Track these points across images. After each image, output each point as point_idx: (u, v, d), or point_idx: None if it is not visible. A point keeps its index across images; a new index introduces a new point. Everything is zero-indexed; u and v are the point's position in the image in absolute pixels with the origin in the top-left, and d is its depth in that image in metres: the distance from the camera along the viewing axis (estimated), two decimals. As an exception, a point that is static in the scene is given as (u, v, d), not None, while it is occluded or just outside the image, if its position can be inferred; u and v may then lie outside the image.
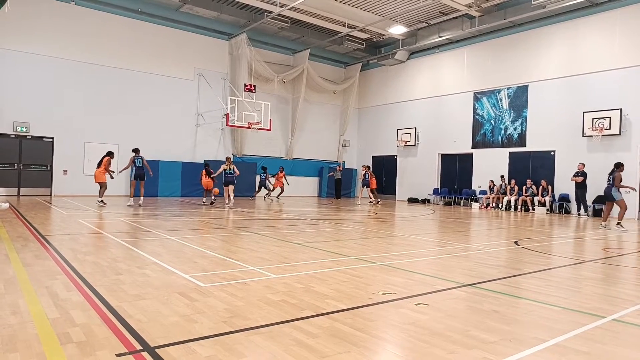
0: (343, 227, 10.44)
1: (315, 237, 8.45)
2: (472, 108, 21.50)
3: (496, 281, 5.06)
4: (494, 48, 20.67)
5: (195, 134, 21.12)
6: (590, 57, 17.32)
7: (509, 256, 7.17)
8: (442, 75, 23.08)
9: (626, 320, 3.74)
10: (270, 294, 4.14)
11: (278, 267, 5.41)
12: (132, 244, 6.78)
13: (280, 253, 6.47)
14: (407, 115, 24.63)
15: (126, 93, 19.31)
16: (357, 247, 7.27)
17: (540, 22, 18.83)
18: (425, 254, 7.03)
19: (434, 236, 9.66)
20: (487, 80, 20.89)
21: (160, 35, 20.15)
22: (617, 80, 16.48)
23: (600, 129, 16.49)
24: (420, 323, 3.46)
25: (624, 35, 16.49)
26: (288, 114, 24.49)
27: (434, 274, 5.39)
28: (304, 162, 25.05)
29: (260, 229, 9.53)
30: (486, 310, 3.90)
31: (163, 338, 2.94)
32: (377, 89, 26.64)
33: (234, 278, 4.76)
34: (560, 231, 11.58)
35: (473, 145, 21.44)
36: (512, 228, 11.73)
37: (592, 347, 3.07)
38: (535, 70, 19.08)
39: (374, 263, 5.88)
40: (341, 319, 3.48)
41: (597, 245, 8.86)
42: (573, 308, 4.05)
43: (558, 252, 7.86)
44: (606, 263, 6.72)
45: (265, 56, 23.02)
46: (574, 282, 5.38)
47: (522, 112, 19.44)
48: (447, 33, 21.06)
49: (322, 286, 4.52)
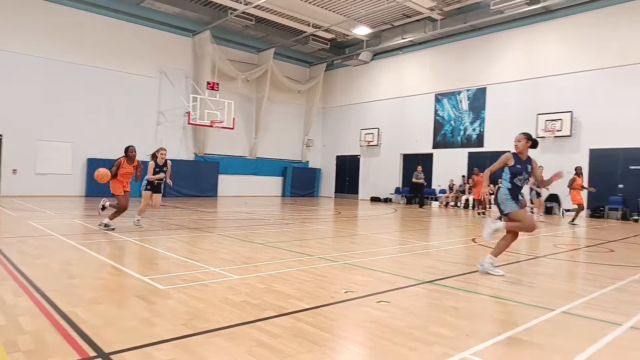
0: (306, 227, 10.45)
1: (278, 237, 8.42)
2: (433, 109, 22.01)
3: (455, 278, 5.20)
4: (455, 51, 21.23)
5: (156, 132, 20.57)
6: (545, 61, 18.09)
7: (467, 253, 7.39)
8: (405, 76, 23.50)
9: (574, 312, 3.93)
10: (232, 295, 4.09)
11: (240, 268, 5.36)
12: (87, 247, 6.53)
13: (243, 253, 6.40)
14: (371, 116, 24.93)
15: (83, 89, 18.52)
16: (320, 247, 7.30)
17: (498, 27, 19.49)
18: (387, 252, 7.14)
19: (396, 235, 9.83)
20: (448, 82, 21.43)
21: (121, 30, 19.46)
22: (569, 84, 17.29)
23: (553, 130, 17.27)
24: (381, 321, 3.51)
25: (575, 42, 17.32)
26: (252, 113, 24.26)
27: (395, 271, 5.48)
28: (268, 161, 24.89)
29: (222, 229, 9.40)
30: (445, 307, 4.00)
31: (119, 343, 2.85)
32: (342, 89, 26.82)
33: (195, 280, 4.67)
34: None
35: (434, 145, 21.95)
36: (470, 226, 12.10)
37: (543, 339, 3.21)
38: (493, 73, 19.74)
39: (337, 262, 5.91)
40: (304, 319, 3.48)
41: (549, 241, 9.27)
42: (526, 302, 4.22)
43: (513, 249, 8.17)
44: (557, 259, 7.04)
45: (229, 54, 22.71)
46: (527, 277, 5.60)
47: (481, 114, 20.08)
48: (410, 35, 21.45)
49: (285, 286, 4.51)
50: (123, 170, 8.31)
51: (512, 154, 5.58)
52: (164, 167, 8.96)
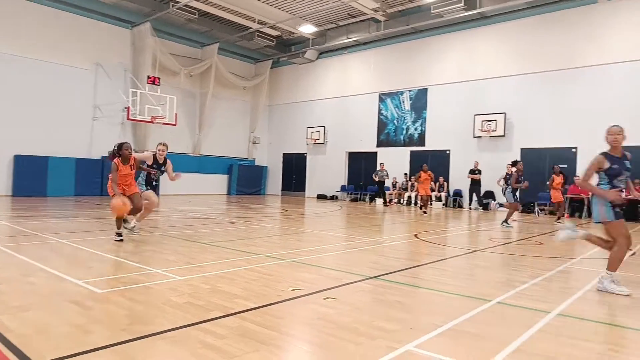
0: (253, 225, 10.34)
1: (224, 236, 8.26)
2: (377, 108, 22.52)
3: (398, 273, 5.35)
4: (398, 52, 21.81)
5: (92, 128, 19.47)
6: (481, 65, 19.05)
7: (409, 249, 7.63)
8: (350, 75, 23.85)
9: (508, 302, 4.17)
10: (175, 297, 3.96)
11: (184, 269, 5.20)
12: (15, 250, 6.07)
13: (187, 254, 6.22)
14: (317, 114, 25.08)
15: (11, 81, 17.16)
16: (266, 245, 7.25)
17: (439, 30, 20.25)
18: (333, 249, 7.22)
19: (341, 231, 9.96)
20: (391, 82, 22.00)
21: (54, 19, 18.18)
22: (503, 87, 18.34)
23: (488, 130, 18.25)
24: (328, 317, 3.54)
25: (509, 47, 18.38)
26: (195, 109, 23.61)
27: (341, 268, 5.55)
28: (213, 159, 24.33)
29: (164, 229, 9.08)
30: (389, 301, 4.11)
31: (51, 352, 2.67)
32: (288, 87, 26.76)
33: (135, 282, 4.47)
34: (455, 224, 12.59)
35: (378, 144, 22.47)
36: (413, 222, 12.50)
37: (481, 329, 3.38)
38: (434, 75, 20.51)
39: (284, 260, 5.90)
40: (250, 318, 3.44)
41: (485, 236, 9.78)
42: (465, 294, 4.43)
43: (453, 243, 8.54)
44: (493, 252, 7.44)
45: (171, 48, 21.94)
46: (466, 270, 5.88)
47: (422, 114, 20.79)
48: (355, 35, 21.79)
49: (231, 286, 4.43)
50: (120, 172, 7.15)
51: (603, 155, 4.67)
52: (163, 166, 8.16)
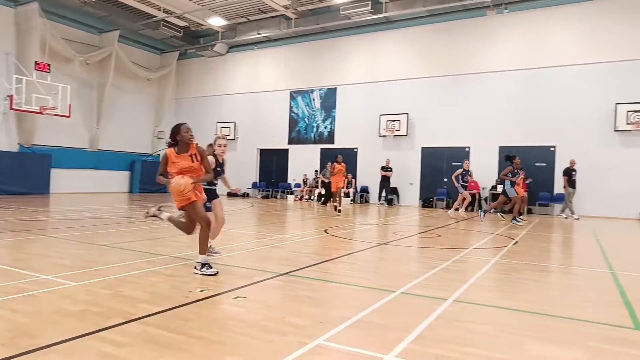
0: (158, 225, 9.81)
1: (126, 236, 7.75)
2: (289, 106, 22.62)
3: (309, 268, 5.43)
4: (308, 50, 22.08)
5: (-35, 117, 17.13)
6: (386, 66, 20.00)
7: (319, 244, 7.79)
8: (261, 71, 23.65)
9: (411, 292, 4.43)
10: (69, 305, 3.62)
11: (79, 274, 4.78)
12: None
13: (83, 257, 5.73)
14: (227, 109, 24.51)
15: None
16: (173, 245, 6.93)
17: (347, 31, 20.86)
18: (244, 247, 7.12)
19: (252, 229, 9.86)
20: (302, 80, 22.23)
21: None
22: (406, 89, 19.43)
23: (392, 130, 19.25)
24: (238, 316, 3.49)
25: (412, 51, 19.52)
26: (93, 101, 21.78)
27: (252, 266, 5.49)
28: (112, 154, 22.66)
29: (56, 230, 8.28)
30: (300, 297, 4.15)
31: None
32: (196, 80, 25.79)
33: (19, 291, 4.01)
34: (362, 219, 13.10)
35: (289, 141, 22.60)
36: (323, 218, 12.77)
37: (387, 319, 3.56)
38: (343, 75, 21.12)
39: (191, 260, 5.68)
40: (155, 323, 3.26)
41: (390, 230, 10.30)
42: (372, 286, 4.62)
43: (360, 238, 8.88)
44: (396, 245, 7.86)
45: (64, 32, 20.00)
46: (373, 263, 6.14)
47: (332, 112, 21.31)
48: (266, 31, 21.63)
49: (134, 290, 4.16)
50: (174, 167, 4.99)
51: None
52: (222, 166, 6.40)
